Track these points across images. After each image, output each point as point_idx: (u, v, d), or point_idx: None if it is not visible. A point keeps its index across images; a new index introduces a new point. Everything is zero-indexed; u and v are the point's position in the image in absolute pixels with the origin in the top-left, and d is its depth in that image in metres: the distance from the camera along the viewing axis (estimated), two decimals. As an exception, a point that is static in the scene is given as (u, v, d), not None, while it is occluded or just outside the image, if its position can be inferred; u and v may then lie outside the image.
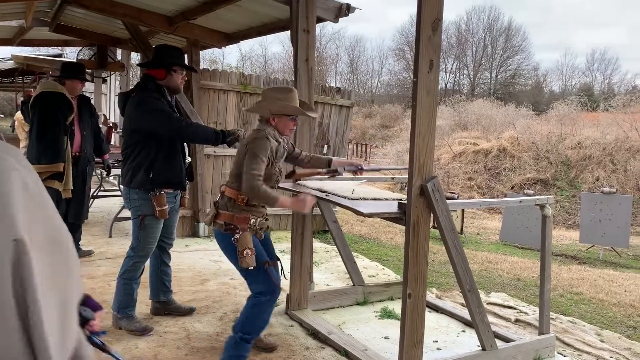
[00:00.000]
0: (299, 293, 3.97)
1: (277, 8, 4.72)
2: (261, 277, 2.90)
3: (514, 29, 45.45)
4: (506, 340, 3.44)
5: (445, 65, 46.59)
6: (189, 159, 3.80)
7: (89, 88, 9.32)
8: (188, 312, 3.81)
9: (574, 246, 9.84)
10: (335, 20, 4.33)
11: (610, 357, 3.70)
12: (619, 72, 41.99)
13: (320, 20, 4.26)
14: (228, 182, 2.97)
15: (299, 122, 3.18)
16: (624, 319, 4.87)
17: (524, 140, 17.76)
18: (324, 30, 40.48)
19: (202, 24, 5.88)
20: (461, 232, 8.84)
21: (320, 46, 40.74)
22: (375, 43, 74.41)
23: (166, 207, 3.37)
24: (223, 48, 7.02)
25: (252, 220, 2.91)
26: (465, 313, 3.86)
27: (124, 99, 3.42)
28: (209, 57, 26.08)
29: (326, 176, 3.63)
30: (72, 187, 4.75)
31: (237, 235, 2.84)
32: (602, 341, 4.04)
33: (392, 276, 5.32)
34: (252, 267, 2.83)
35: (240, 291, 4.37)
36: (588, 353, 3.73)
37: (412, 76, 2.83)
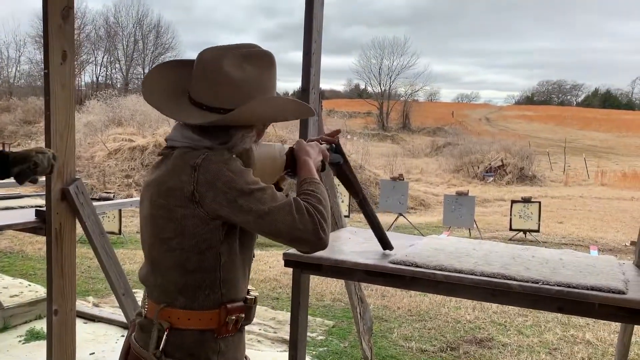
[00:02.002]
0: None
1: None
2: None
3: (163, 26, 46.18)
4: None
5: (96, 57, 44.14)
6: None
7: None
8: None
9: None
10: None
11: (259, 329, 4.16)
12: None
13: None
14: (164, 299, 1.30)
15: None
16: (270, 292, 5.53)
17: (179, 136, 18.36)
18: None
19: None
20: (120, 233, 8.54)
21: None
22: (9, 27, 64.71)
23: None
24: None
25: None
26: (123, 317, 3.74)
27: None
28: None
29: None
30: None
31: None
32: (252, 316, 4.51)
33: (41, 292, 4.73)
34: None
35: None
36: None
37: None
